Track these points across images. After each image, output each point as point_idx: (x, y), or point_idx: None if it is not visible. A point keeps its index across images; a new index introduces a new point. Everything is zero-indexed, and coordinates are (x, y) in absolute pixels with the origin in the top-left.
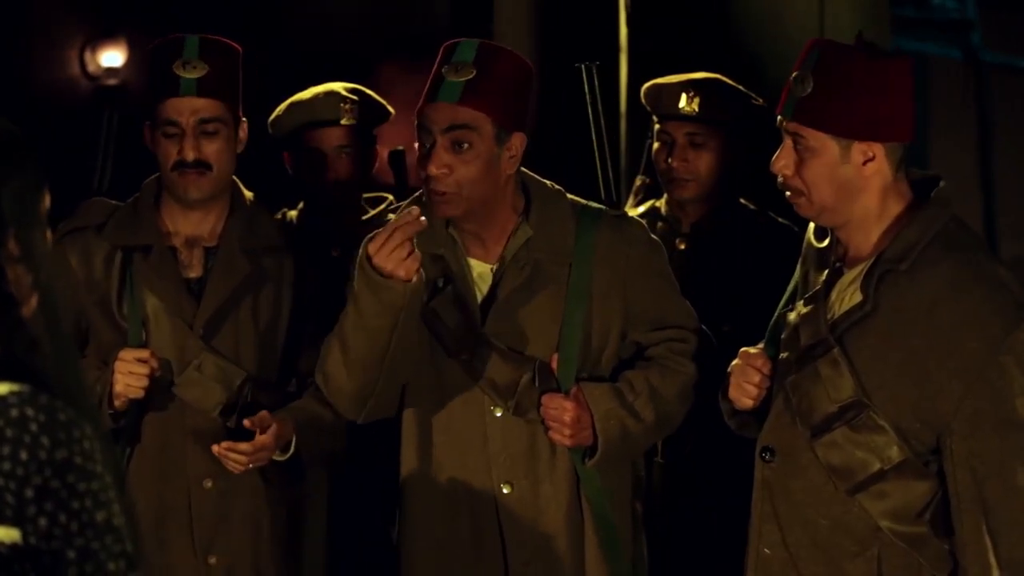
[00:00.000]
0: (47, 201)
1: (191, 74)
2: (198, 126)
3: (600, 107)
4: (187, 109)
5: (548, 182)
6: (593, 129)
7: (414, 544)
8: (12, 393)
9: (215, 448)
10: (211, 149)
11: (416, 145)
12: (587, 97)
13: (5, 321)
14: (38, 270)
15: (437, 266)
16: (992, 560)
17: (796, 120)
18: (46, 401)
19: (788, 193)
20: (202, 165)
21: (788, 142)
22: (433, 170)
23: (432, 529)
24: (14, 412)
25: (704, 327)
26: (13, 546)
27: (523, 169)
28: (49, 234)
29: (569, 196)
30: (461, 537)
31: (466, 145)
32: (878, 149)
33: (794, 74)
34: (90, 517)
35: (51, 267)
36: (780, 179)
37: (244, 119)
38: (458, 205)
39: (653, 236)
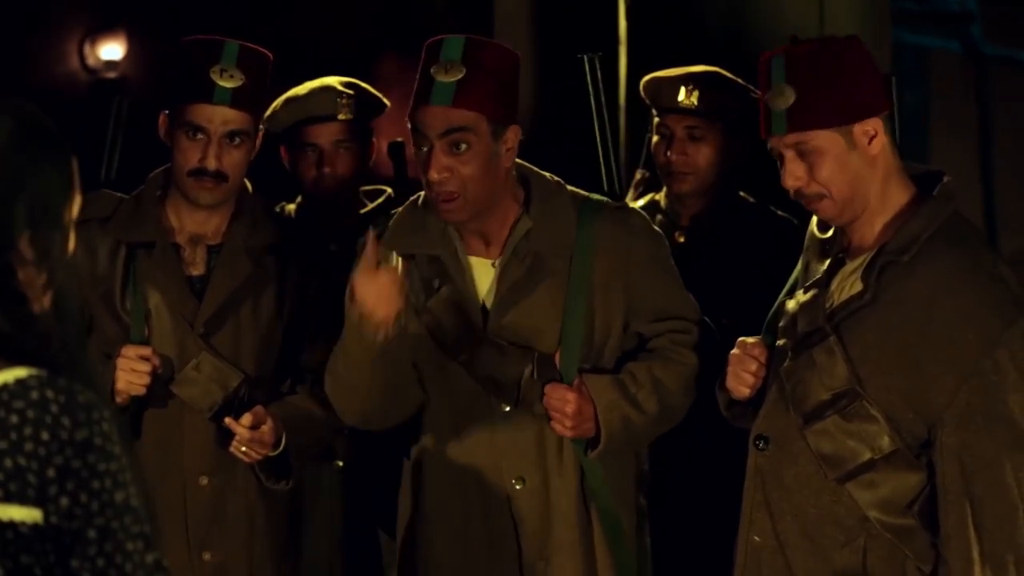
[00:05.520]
0: (75, 205)
1: (227, 83)
2: (224, 136)
3: (603, 99)
4: (218, 118)
5: (547, 174)
6: (596, 121)
7: (431, 544)
8: (32, 376)
9: (227, 420)
10: (232, 160)
11: (417, 164)
12: (589, 89)
13: (15, 316)
14: (54, 271)
15: (433, 267)
16: (975, 555)
17: (792, 131)
18: (65, 384)
19: (805, 201)
20: (220, 176)
21: (790, 155)
22: (434, 175)
23: (448, 527)
24: (34, 394)
25: (707, 319)
26: (34, 526)
27: (521, 161)
28: (72, 237)
29: (570, 188)
30: (476, 534)
31: (464, 146)
32: (876, 124)
33: (767, 94)
34: (110, 497)
35: (70, 268)
36: (794, 192)
37: (261, 128)
38: (464, 210)
39: (655, 228)
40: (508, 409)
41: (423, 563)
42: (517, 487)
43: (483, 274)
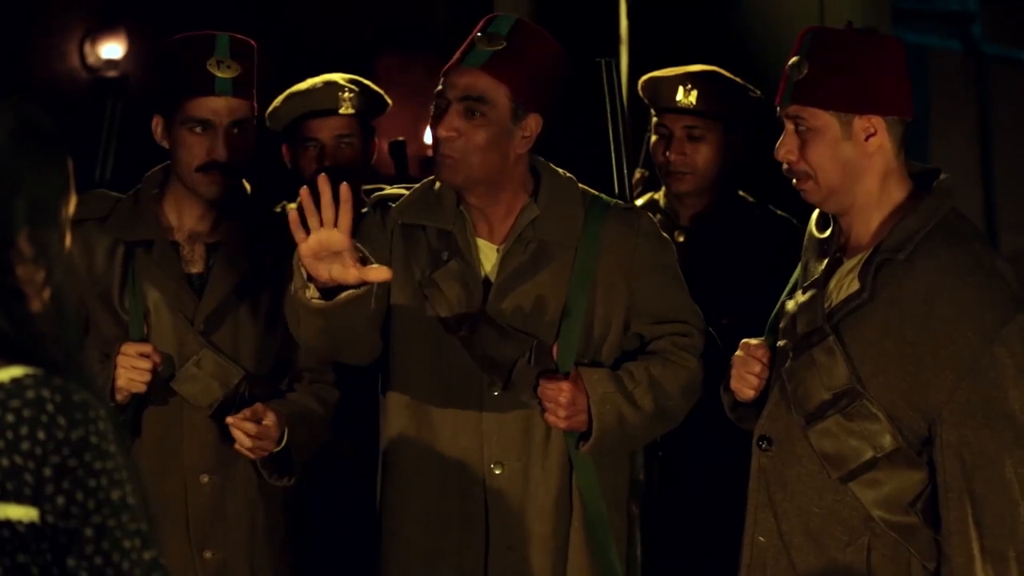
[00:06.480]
0: (71, 205)
1: (226, 73)
2: (231, 126)
3: (617, 102)
4: (223, 109)
5: (561, 170)
6: (610, 124)
7: (399, 517)
8: (27, 375)
9: (229, 419)
10: (238, 150)
11: (430, 119)
12: (605, 93)
13: (13, 313)
14: (52, 268)
15: (443, 241)
16: (976, 551)
17: (795, 103)
18: (61, 383)
19: (795, 180)
20: (230, 167)
21: (790, 127)
22: (442, 132)
23: (419, 504)
24: (30, 393)
25: (709, 328)
26: (31, 525)
27: (536, 156)
28: (68, 236)
29: (581, 186)
30: (448, 514)
31: (478, 114)
32: (879, 123)
33: (790, 62)
34: (106, 495)
35: (67, 266)
36: (785, 165)
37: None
38: (459, 171)
39: (664, 233)
40: (498, 393)
41: (389, 536)
42: (496, 472)
43: (489, 257)
